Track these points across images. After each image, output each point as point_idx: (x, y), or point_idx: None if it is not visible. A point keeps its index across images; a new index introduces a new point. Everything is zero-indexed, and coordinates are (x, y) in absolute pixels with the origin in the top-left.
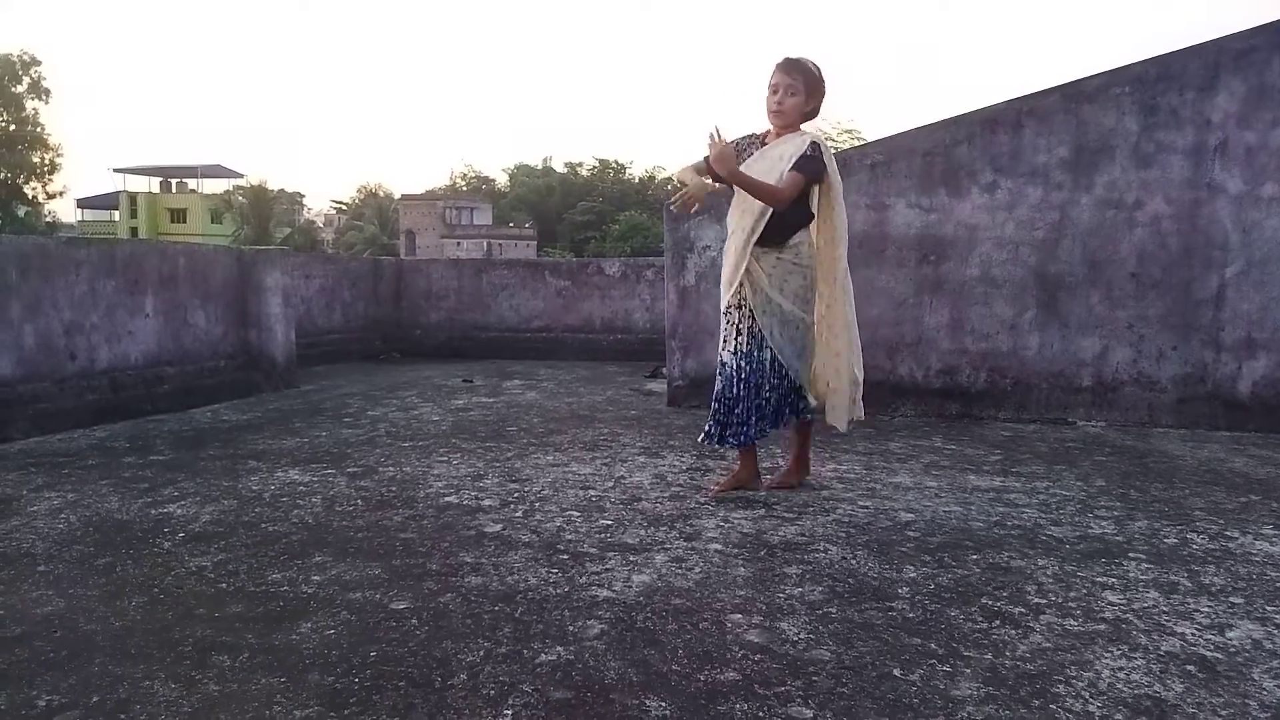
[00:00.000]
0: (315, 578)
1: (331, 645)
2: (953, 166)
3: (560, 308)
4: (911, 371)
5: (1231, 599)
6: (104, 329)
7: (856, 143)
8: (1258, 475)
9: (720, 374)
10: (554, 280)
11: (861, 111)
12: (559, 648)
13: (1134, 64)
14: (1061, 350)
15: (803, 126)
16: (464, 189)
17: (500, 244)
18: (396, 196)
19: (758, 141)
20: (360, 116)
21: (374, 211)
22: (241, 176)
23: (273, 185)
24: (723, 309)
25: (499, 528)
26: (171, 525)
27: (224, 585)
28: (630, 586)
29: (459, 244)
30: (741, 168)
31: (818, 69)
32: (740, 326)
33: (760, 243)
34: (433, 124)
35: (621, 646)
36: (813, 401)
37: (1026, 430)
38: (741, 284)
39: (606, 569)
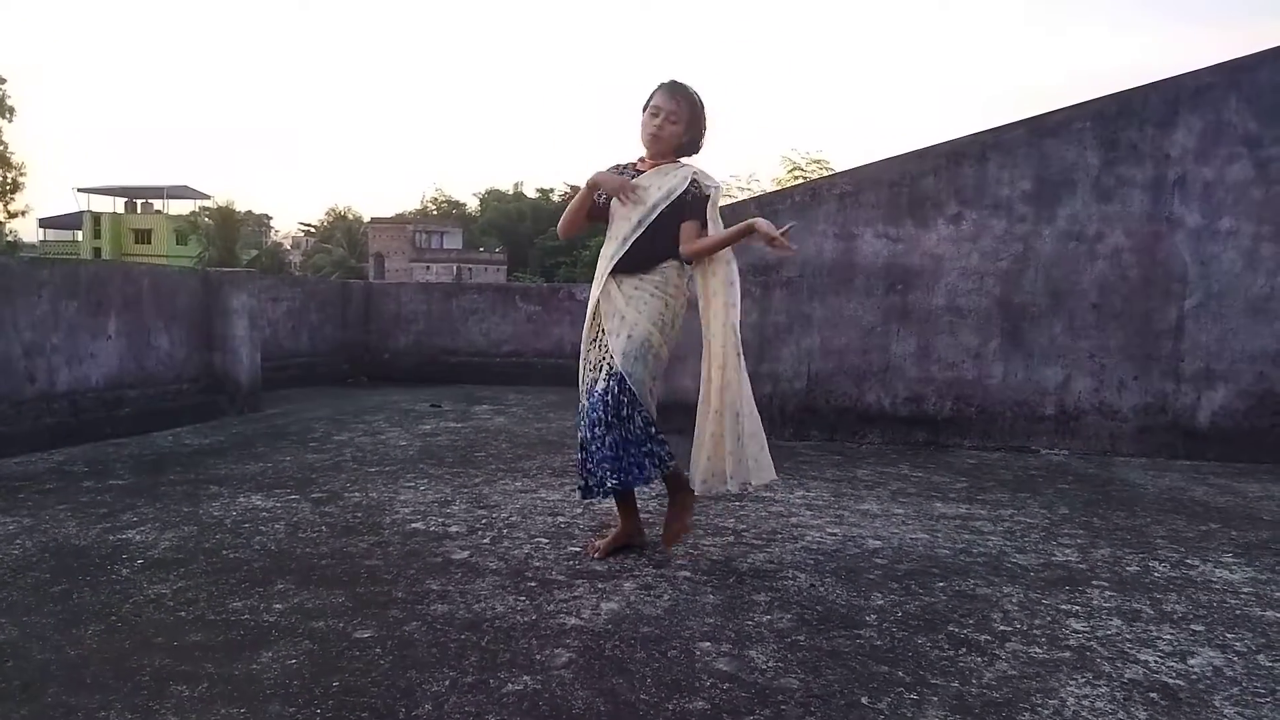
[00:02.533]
0: (277, 606)
1: (293, 675)
2: (919, 197)
3: (530, 333)
4: (879, 399)
5: (1193, 626)
6: (65, 351)
7: (825, 173)
8: (1217, 504)
9: (582, 420)
10: (524, 305)
11: (830, 142)
12: (526, 677)
13: (1095, 99)
14: (1025, 379)
15: (680, 159)
16: (434, 213)
17: (470, 268)
18: (366, 219)
19: (631, 170)
20: (330, 139)
21: (343, 234)
22: (208, 198)
23: (240, 207)
24: (583, 353)
25: (466, 554)
26: (130, 551)
27: (183, 613)
28: (599, 614)
29: (429, 268)
30: (615, 200)
31: (701, 101)
32: (600, 363)
33: (622, 270)
34: (403, 147)
35: (589, 675)
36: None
37: (991, 458)
38: (597, 311)
39: (575, 596)
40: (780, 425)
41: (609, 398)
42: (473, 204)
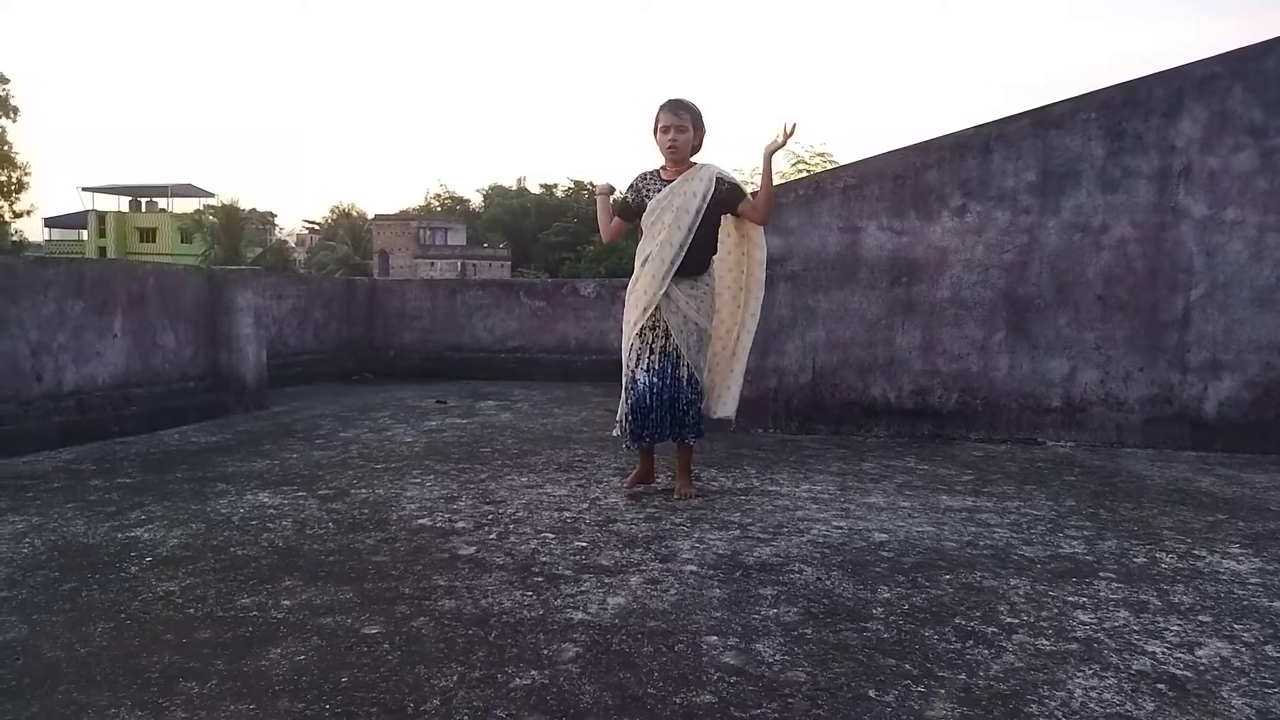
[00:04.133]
0: (285, 602)
1: (302, 671)
2: (923, 190)
3: (535, 328)
4: (884, 392)
5: (1200, 617)
6: (71, 350)
7: (829, 166)
8: (1224, 495)
9: (632, 389)
10: (529, 301)
11: (833, 135)
12: (534, 672)
13: (1100, 90)
14: (1031, 371)
15: (693, 159)
16: (438, 209)
17: (474, 264)
18: (370, 216)
19: (657, 178)
20: (334, 136)
21: (347, 231)
22: (212, 196)
23: (244, 205)
24: (635, 330)
25: (473, 550)
26: (138, 549)
27: (192, 610)
28: (605, 609)
29: (433, 264)
30: (652, 203)
31: (698, 107)
32: (654, 346)
33: (680, 272)
34: (407, 144)
35: (597, 670)
36: (714, 412)
37: (997, 450)
38: (658, 308)
39: (581, 591)
40: (785, 419)
41: (682, 381)
42: (476, 200)
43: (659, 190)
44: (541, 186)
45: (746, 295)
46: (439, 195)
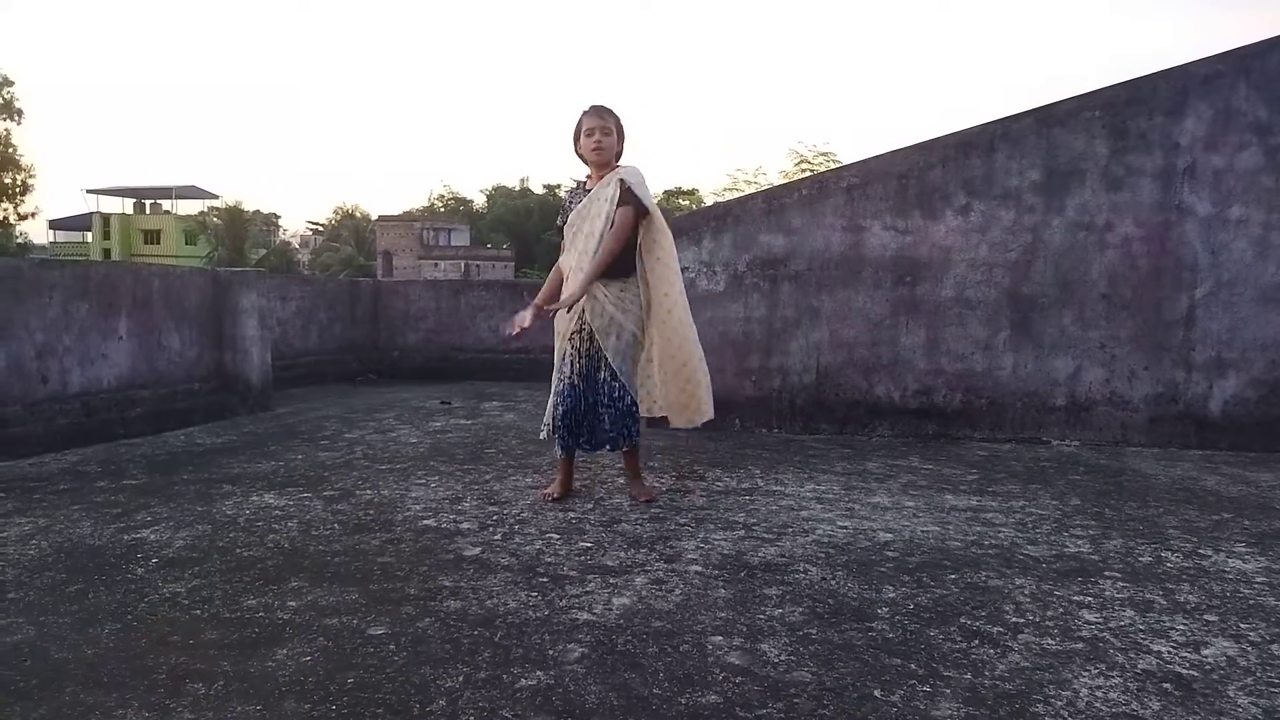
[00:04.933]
0: (291, 603)
1: (308, 672)
2: (927, 189)
3: (539, 329)
4: (889, 392)
5: (1206, 617)
6: (77, 352)
7: (832, 165)
8: (1229, 493)
9: (562, 395)
10: (532, 301)
11: (837, 135)
12: (539, 672)
13: (1104, 88)
14: (1035, 370)
15: (616, 165)
16: (441, 210)
17: (478, 265)
18: (373, 217)
19: (581, 189)
20: (337, 137)
21: (350, 232)
22: (217, 197)
23: (248, 206)
24: (565, 336)
25: (478, 551)
26: (145, 551)
27: (198, 612)
28: (610, 609)
29: (436, 265)
30: (572, 214)
31: (617, 113)
32: (582, 350)
33: (604, 275)
34: (410, 145)
35: (602, 670)
36: (642, 418)
37: (1002, 450)
38: (584, 311)
39: (586, 592)
40: (790, 419)
41: (599, 385)
42: (480, 201)
43: (580, 201)
44: (545, 187)
45: (650, 291)
46: (442, 196)
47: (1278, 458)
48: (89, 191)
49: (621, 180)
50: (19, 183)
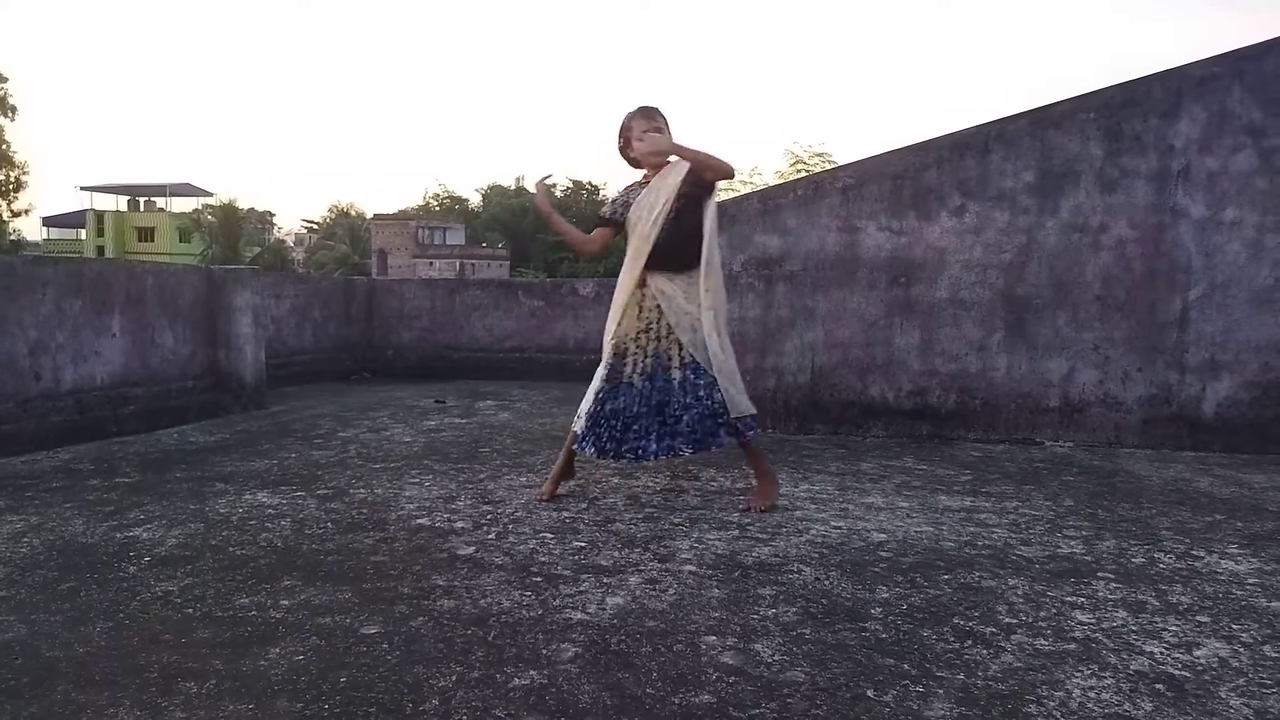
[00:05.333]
0: (284, 602)
1: (300, 671)
2: (922, 190)
3: (534, 328)
4: (883, 392)
5: (1198, 618)
6: (70, 349)
7: (828, 166)
8: (1222, 495)
9: (615, 396)
10: (527, 300)
11: (832, 135)
12: (532, 672)
13: (1099, 90)
14: (1029, 371)
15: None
16: (437, 209)
17: (473, 264)
18: (368, 216)
19: (639, 185)
20: (332, 135)
21: (345, 231)
22: (211, 195)
23: (242, 204)
24: (630, 335)
25: (472, 550)
26: (137, 549)
27: (190, 610)
28: (604, 609)
29: (431, 264)
30: (635, 203)
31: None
32: (648, 349)
33: (663, 266)
34: (405, 143)
35: (596, 670)
36: (743, 412)
37: (996, 450)
38: (657, 307)
39: (580, 591)
40: (784, 419)
41: (673, 385)
42: (475, 199)
43: (639, 194)
44: None
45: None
46: (437, 195)
47: (1270, 460)
48: (83, 189)
49: (685, 169)
50: (12, 180)
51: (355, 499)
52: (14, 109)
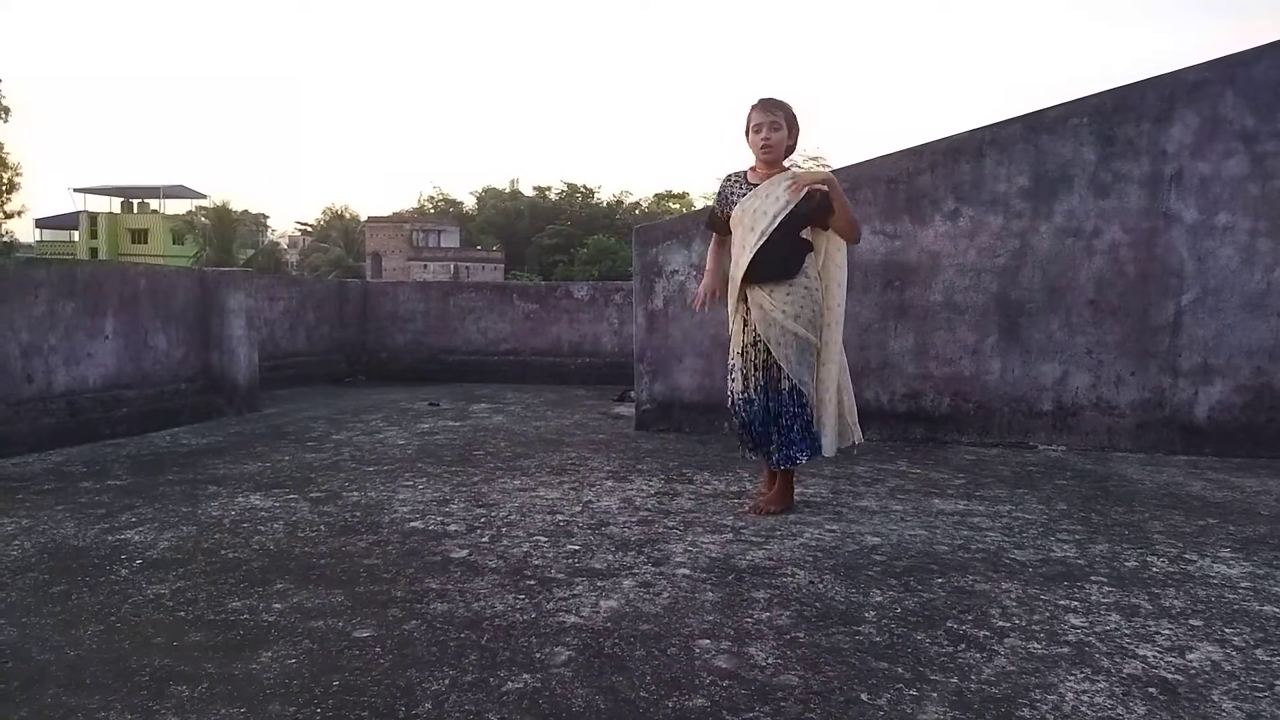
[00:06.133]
0: (276, 605)
1: (293, 675)
2: (916, 194)
3: (528, 331)
4: (877, 396)
5: (1191, 621)
6: (62, 351)
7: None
8: (1215, 499)
9: (741, 410)
10: (522, 303)
11: (827, 139)
12: (526, 675)
13: (1092, 95)
14: (1023, 375)
15: (785, 163)
16: (431, 211)
17: (468, 267)
18: (363, 218)
19: (744, 180)
20: (327, 138)
21: (340, 233)
22: (204, 197)
23: (236, 206)
24: (738, 351)
25: (465, 553)
26: (129, 552)
27: (182, 613)
28: (598, 612)
29: (426, 266)
30: (737, 207)
31: (791, 106)
32: (757, 363)
33: (761, 278)
34: (400, 146)
35: (589, 673)
36: (824, 438)
37: (989, 454)
38: (761, 322)
39: (574, 594)
40: None
41: (784, 395)
42: (470, 202)
43: (744, 193)
44: (535, 189)
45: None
46: (432, 197)
47: (1262, 463)
48: (76, 190)
49: (810, 193)
50: (5, 181)
51: (348, 502)
52: (7, 110)
